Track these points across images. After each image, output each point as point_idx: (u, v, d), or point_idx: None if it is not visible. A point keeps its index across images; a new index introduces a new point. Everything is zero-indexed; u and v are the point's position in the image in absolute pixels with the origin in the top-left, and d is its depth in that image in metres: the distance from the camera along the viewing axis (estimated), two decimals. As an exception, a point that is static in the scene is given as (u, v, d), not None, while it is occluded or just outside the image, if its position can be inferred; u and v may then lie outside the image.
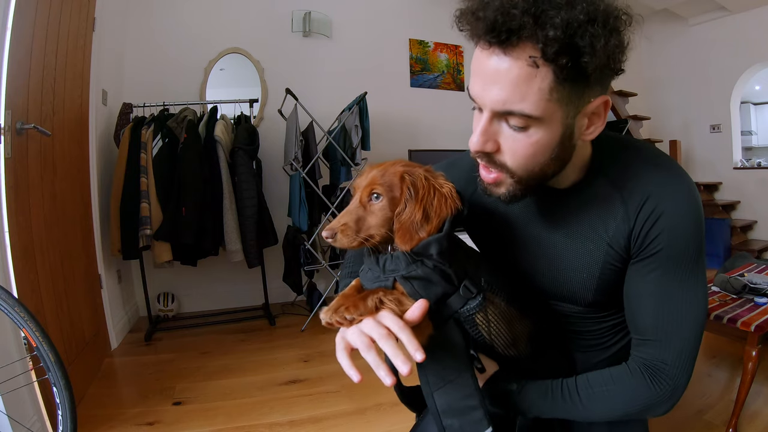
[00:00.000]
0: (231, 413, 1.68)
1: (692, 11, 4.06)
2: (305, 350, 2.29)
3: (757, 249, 3.68)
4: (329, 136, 2.69)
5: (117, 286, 2.56)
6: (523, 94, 0.50)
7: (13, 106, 1.39)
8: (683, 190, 0.60)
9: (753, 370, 1.40)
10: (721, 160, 4.14)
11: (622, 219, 0.62)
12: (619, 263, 0.64)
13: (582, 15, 0.47)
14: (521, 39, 0.49)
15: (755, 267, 2.01)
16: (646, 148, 0.66)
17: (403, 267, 0.57)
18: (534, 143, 0.54)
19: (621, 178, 0.63)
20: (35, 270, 1.51)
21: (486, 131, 0.55)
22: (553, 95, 0.51)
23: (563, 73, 0.49)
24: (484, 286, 0.60)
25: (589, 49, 0.48)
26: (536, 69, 0.49)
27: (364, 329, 0.53)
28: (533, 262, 0.71)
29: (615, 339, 0.74)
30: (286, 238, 2.77)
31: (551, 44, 0.47)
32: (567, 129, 0.55)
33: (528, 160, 0.56)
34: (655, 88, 4.53)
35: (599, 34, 0.48)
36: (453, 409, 0.57)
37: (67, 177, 1.87)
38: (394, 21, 3.45)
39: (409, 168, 0.60)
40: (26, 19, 1.49)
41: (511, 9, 0.48)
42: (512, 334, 0.64)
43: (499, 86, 0.51)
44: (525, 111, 0.51)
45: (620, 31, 0.51)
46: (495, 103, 0.52)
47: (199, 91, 3.00)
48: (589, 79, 0.51)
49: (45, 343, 1.03)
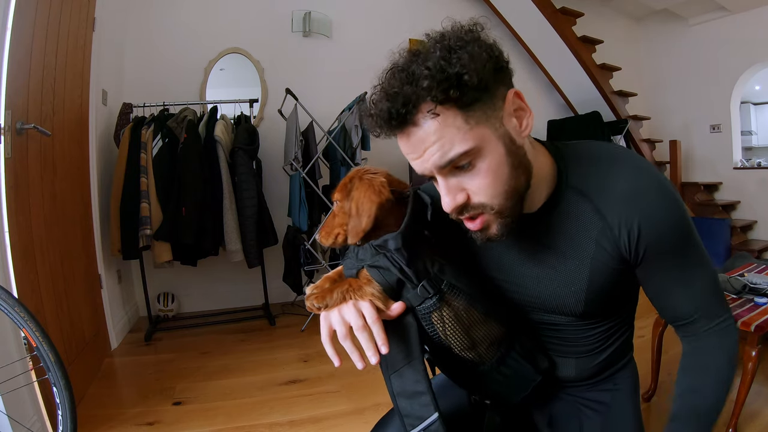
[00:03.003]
0: (231, 413, 1.68)
1: (692, 11, 4.06)
2: (305, 350, 2.29)
3: (757, 249, 3.68)
4: (329, 136, 2.69)
5: (117, 286, 2.56)
6: (449, 141, 0.55)
7: (13, 106, 1.39)
8: (654, 187, 0.62)
9: (753, 370, 1.40)
10: (721, 160, 4.13)
11: (602, 231, 0.64)
12: (611, 275, 0.66)
13: (438, 52, 0.54)
14: (414, 105, 0.54)
15: (755, 267, 2.01)
16: (601, 149, 0.68)
17: (369, 257, 0.64)
18: (489, 169, 0.58)
19: (589, 187, 0.64)
20: (35, 270, 1.51)
21: (449, 189, 0.59)
22: (471, 122, 0.55)
23: (462, 101, 0.54)
24: (443, 289, 0.63)
25: (462, 69, 0.52)
26: (440, 116, 0.54)
27: (345, 316, 0.61)
28: (519, 281, 0.72)
29: (608, 342, 0.75)
30: (286, 238, 2.77)
31: (432, 90, 0.53)
32: (505, 138, 0.58)
33: (496, 186, 0.59)
34: (655, 88, 4.53)
35: (460, 54, 0.53)
36: (406, 392, 0.63)
37: (67, 177, 1.87)
38: (394, 21, 3.45)
39: (359, 172, 0.67)
40: (26, 19, 1.49)
41: (391, 92, 0.55)
42: (470, 337, 0.66)
43: (429, 151, 0.56)
44: (461, 151, 0.55)
45: (477, 39, 0.56)
46: (437, 163, 0.57)
47: (199, 91, 3.01)
48: (486, 88, 0.55)
49: (45, 343, 1.03)
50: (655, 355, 1.71)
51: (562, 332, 0.74)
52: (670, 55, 4.41)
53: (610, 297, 0.69)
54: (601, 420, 0.77)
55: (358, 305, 0.61)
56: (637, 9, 4.34)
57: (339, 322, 0.61)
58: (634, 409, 0.78)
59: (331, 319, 0.62)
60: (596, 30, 3.88)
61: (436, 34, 0.57)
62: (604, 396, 0.78)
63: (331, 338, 0.62)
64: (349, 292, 0.63)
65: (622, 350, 0.78)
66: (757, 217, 3.94)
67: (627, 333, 0.78)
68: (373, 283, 0.62)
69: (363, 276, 0.64)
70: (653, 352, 1.71)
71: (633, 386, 0.79)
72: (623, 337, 0.77)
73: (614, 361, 0.77)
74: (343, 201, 0.67)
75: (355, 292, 0.62)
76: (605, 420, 0.77)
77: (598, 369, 0.76)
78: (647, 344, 1.73)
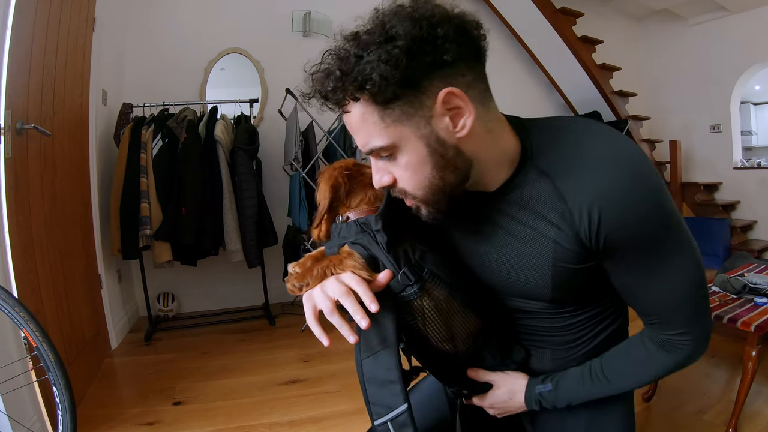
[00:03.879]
0: (231, 413, 1.68)
1: (692, 11, 4.06)
2: (305, 350, 2.28)
3: (757, 249, 3.68)
4: (329, 136, 2.69)
5: (117, 286, 2.56)
6: (368, 134, 0.56)
7: (13, 106, 1.40)
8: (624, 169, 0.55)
9: (753, 370, 1.40)
10: (721, 160, 4.13)
11: (562, 214, 0.58)
12: (576, 261, 0.60)
13: (354, 48, 0.53)
14: (341, 93, 0.54)
15: (755, 267, 2.01)
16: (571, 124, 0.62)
17: (352, 234, 0.64)
18: (406, 165, 0.57)
19: (552, 167, 0.59)
20: (35, 270, 1.51)
21: (377, 169, 0.60)
22: (386, 120, 0.54)
23: (378, 100, 0.53)
24: (425, 276, 0.62)
25: (372, 70, 0.50)
26: (361, 109, 0.54)
27: (327, 291, 0.58)
28: (483, 262, 0.69)
29: (594, 331, 0.71)
30: (286, 238, 2.76)
31: (346, 89, 0.53)
32: (429, 138, 0.55)
33: (414, 181, 0.58)
34: (655, 88, 4.53)
35: (369, 55, 0.51)
36: (376, 379, 0.60)
37: (67, 177, 1.87)
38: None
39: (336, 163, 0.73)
40: (26, 19, 1.49)
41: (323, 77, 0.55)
42: (448, 328, 0.65)
43: (357, 135, 0.58)
44: (377, 145, 0.56)
45: (398, 35, 0.51)
46: (362, 147, 0.59)
47: (199, 91, 3.01)
48: (411, 85, 0.52)
49: (45, 343, 1.03)
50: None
51: (536, 320, 0.70)
52: (670, 55, 4.41)
53: (581, 283, 0.64)
54: (587, 418, 0.72)
55: (341, 278, 0.58)
56: (637, 9, 4.34)
57: (322, 298, 0.58)
58: (623, 407, 0.74)
59: (315, 298, 0.59)
60: (596, 30, 3.88)
61: (386, 11, 0.54)
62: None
63: (316, 317, 0.58)
64: (330, 267, 0.60)
65: (613, 341, 0.71)
66: (757, 217, 3.94)
67: (614, 325, 0.72)
68: (355, 255, 0.60)
69: (343, 251, 0.62)
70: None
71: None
72: (609, 330, 0.71)
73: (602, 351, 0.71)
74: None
75: (335, 266, 0.60)
76: (590, 419, 0.72)
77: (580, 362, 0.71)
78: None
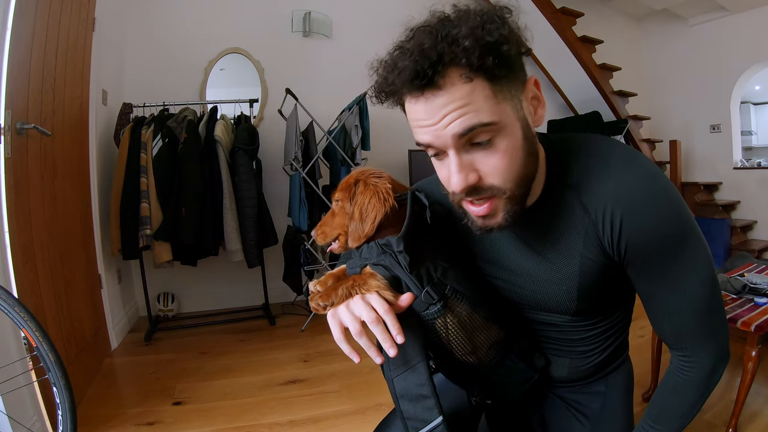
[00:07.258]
0: (231, 413, 1.68)
1: (692, 11, 4.06)
2: (305, 350, 2.28)
3: (757, 249, 3.68)
4: (329, 136, 2.69)
5: (117, 286, 2.56)
6: (474, 109, 0.52)
7: (13, 106, 1.39)
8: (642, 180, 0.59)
9: (753, 370, 1.40)
10: (721, 160, 4.13)
11: (588, 227, 0.62)
12: (600, 272, 0.64)
13: (478, 18, 0.52)
14: (445, 66, 0.51)
15: (755, 267, 2.01)
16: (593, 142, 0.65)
17: (374, 256, 0.62)
18: (506, 150, 0.55)
19: (578, 182, 0.62)
20: (35, 270, 1.51)
21: (462, 166, 0.55)
22: (498, 97, 0.53)
23: (493, 73, 0.52)
24: (447, 294, 0.62)
25: (502, 39, 0.51)
26: (471, 82, 0.51)
27: (354, 311, 0.58)
28: (512, 278, 0.71)
29: (605, 345, 0.74)
30: (286, 238, 2.77)
31: (472, 52, 0.50)
32: (523, 121, 0.56)
33: (512, 169, 0.56)
34: (655, 88, 4.53)
35: (500, 25, 0.52)
36: (409, 395, 0.60)
37: (67, 177, 1.87)
38: (394, 21, 3.44)
39: (363, 174, 0.67)
40: (26, 19, 1.49)
41: (423, 48, 0.52)
42: (472, 342, 0.66)
43: (449, 117, 0.52)
44: (484, 121, 0.52)
45: (511, 17, 0.54)
46: (456, 131, 0.53)
47: (199, 91, 3.01)
48: (513, 67, 0.54)
49: (45, 343, 1.03)
50: (655, 354, 1.71)
51: (559, 332, 0.73)
52: (670, 55, 4.41)
53: (603, 295, 0.68)
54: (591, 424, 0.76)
55: (366, 298, 0.59)
56: (637, 9, 4.34)
57: (350, 318, 0.58)
58: (625, 410, 0.77)
59: (341, 317, 0.60)
60: (596, 30, 3.88)
61: (463, 7, 0.55)
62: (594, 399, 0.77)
63: (345, 336, 0.60)
64: (354, 287, 0.61)
65: (618, 352, 0.77)
66: (757, 217, 3.94)
67: (624, 334, 0.77)
68: (378, 276, 0.61)
69: (365, 272, 0.62)
70: (653, 351, 1.71)
71: (626, 386, 0.79)
72: (620, 339, 0.76)
73: (608, 363, 0.77)
74: (345, 202, 0.66)
75: (360, 286, 0.61)
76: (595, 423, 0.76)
77: (590, 371, 0.75)
78: (647, 344, 1.73)
